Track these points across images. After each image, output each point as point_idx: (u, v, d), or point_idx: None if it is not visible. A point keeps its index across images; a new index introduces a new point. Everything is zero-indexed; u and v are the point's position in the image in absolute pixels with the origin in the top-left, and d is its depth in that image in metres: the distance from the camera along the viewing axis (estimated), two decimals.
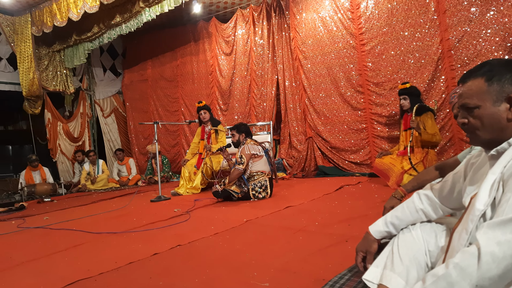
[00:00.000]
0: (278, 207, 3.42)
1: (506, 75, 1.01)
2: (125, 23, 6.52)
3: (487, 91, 1.02)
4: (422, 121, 4.17)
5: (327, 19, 5.88)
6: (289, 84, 6.47)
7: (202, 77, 7.73)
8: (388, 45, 5.27)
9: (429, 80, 4.89)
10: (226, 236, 2.57)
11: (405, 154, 4.24)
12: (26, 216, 4.34)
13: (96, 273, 1.97)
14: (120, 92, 9.04)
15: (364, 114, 5.60)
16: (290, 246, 2.18)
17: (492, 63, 1.05)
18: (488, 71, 1.03)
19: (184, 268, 1.95)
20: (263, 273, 1.76)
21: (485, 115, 1.02)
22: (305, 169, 6.08)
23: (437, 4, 4.80)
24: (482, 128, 1.04)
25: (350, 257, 1.89)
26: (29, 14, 6.79)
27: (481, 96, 1.03)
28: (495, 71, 1.02)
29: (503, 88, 1.00)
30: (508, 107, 1.00)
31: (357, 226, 2.51)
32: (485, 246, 0.86)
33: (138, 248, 2.43)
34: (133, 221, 3.40)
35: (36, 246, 2.80)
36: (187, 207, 3.88)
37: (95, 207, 4.69)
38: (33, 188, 6.12)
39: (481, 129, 1.04)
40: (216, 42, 7.45)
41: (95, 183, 7.10)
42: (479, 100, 1.03)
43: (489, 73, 1.03)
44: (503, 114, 1.00)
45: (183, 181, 5.19)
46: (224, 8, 7.28)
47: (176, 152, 8.11)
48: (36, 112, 7.57)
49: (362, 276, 1.29)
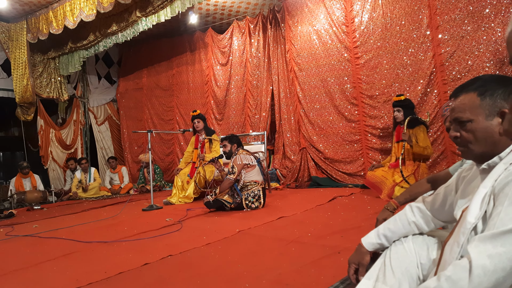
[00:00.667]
0: (271, 218, 3.41)
1: (498, 90, 1.02)
2: (121, 32, 6.54)
3: (480, 105, 1.03)
4: (414, 134, 4.21)
5: (322, 32, 5.96)
6: (284, 95, 6.51)
7: (198, 87, 7.76)
8: (382, 59, 5.34)
9: (422, 93, 4.96)
10: (218, 246, 2.55)
11: (396, 167, 4.27)
12: (15, 224, 4.27)
13: (85, 283, 1.94)
14: (114, 100, 9.02)
15: (358, 126, 5.64)
16: (282, 258, 2.17)
17: (485, 78, 1.07)
18: (481, 86, 1.05)
19: (176, 279, 1.93)
20: (255, 285, 1.74)
21: (477, 129, 1.04)
22: (299, 179, 6.08)
23: (430, 20, 4.90)
24: (474, 142, 1.05)
25: (343, 269, 1.88)
26: (25, 21, 6.79)
27: (474, 110, 1.04)
28: (487, 86, 1.04)
29: (495, 102, 1.02)
30: (500, 122, 1.01)
31: (350, 237, 2.50)
32: (476, 259, 0.86)
33: (129, 257, 2.40)
34: (124, 230, 3.36)
35: (24, 254, 2.75)
36: (179, 216, 3.85)
37: (86, 215, 4.63)
38: (23, 196, 6.04)
39: (473, 143, 1.06)
40: (212, 52, 7.50)
41: (87, 191, 7.02)
42: (472, 114, 1.04)
43: (481, 88, 1.05)
44: (495, 128, 1.02)
45: (176, 190, 5.16)
46: (220, 19, 7.35)
47: (170, 161, 8.08)
48: (29, 119, 7.51)
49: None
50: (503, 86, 1.03)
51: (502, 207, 0.91)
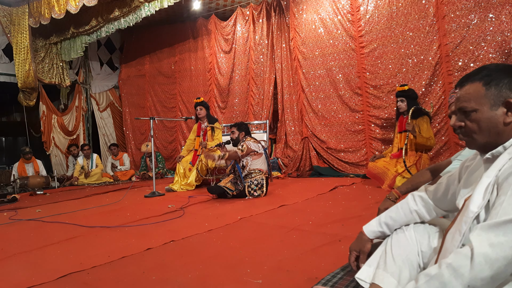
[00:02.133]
0: (273, 206, 3.43)
1: (504, 80, 1.01)
2: (124, 17, 6.48)
3: (485, 95, 1.03)
4: (417, 124, 4.19)
5: (327, 21, 5.89)
6: (287, 84, 6.48)
7: (200, 74, 7.72)
8: (387, 48, 5.29)
9: (427, 84, 4.92)
10: (220, 233, 2.57)
11: (399, 157, 4.26)
12: (18, 208, 4.30)
13: (89, 267, 1.96)
14: (116, 86, 8.99)
15: (362, 116, 5.62)
16: (283, 245, 2.18)
17: (490, 67, 1.06)
18: (486, 75, 1.04)
19: (178, 264, 1.95)
20: (256, 271, 1.76)
21: (482, 119, 1.03)
22: (300, 168, 6.09)
23: (436, 10, 4.83)
24: (479, 132, 1.05)
25: (343, 256, 1.90)
26: (27, 5, 6.72)
27: (478, 100, 1.04)
28: (493, 76, 1.03)
29: (500, 92, 1.01)
30: (505, 112, 1.01)
31: (351, 226, 2.52)
32: (478, 248, 0.87)
33: (132, 242, 2.43)
34: (126, 216, 3.39)
35: (28, 238, 2.78)
36: (181, 203, 3.87)
37: (88, 201, 4.67)
38: (26, 181, 6.08)
39: (478, 132, 1.05)
40: (215, 39, 7.44)
41: (89, 177, 7.06)
42: (476, 104, 1.04)
43: (487, 78, 1.04)
44: (500, 118, 1.01)
45: (178, 178, 5.18)
46: (224, 6, 7.27)
47: (173, 148, 8.09)
48: (31, 104, 7.50)
49: (354, 275, 1.30)
50: (509, 76, 1.02)
51: (505, 197, 0.91)
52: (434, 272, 0.93)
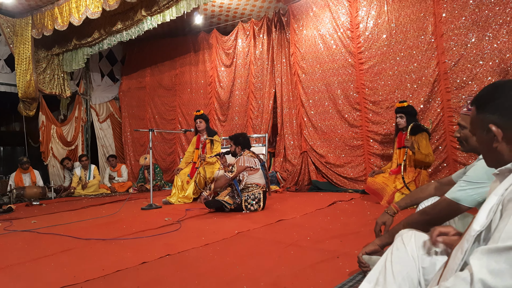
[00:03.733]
0: (270, 220, 3.40)
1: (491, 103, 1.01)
2: (126, 30, 6.54)
3: (476, 118, 1.05)
4: (416, 140, 4.20)
5: (327, 37, 5.96)
6: (286, 98, 6.51)
7: (201, 87, 7.76)
8: (386, 65, 5.34)
9: (425, 101, 4.95)
10: (216, 247, 2.54)
11: (398, 173, 4.25)
12: (14, 219, 4.26)
13: (82, 280, 1.93)
14: (116, 98, 9.02)
15: (360, 131, 5.63)
16: (281, 261, 2.15)
17: (496, 85, 1.04)
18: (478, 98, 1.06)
19: (173, 279, 1.92)
20: (253, 287, 1.73)
21: (478, 141, 1.07)
22: (299, 183, 6.07)
23: (435, 28, 4.90)
24: (482, 152, 1.10)
25: (342, 273, 1.87)
26: (30, 17, 6.80)
27: (472, 124, 1.08)
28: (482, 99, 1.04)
29: (485, 117, 1.02)
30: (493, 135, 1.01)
31: (349, 242, 2.49)
32: (477, 273, 0.83)
33: (127, 256, 2.39)
34: (122, 229, 3.35)
35: (22, 249, 2.74)
36: (178, 216, 3.84)
37: (84, 212, 4.62)
38: (22, 191, 6.03)
39: (481, 152, 1.11)
40: (216, 53, 7.51)
41: (86, 188, 7.01)
42: (471, 127, 1.09)
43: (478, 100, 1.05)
44: (490, 141, 1.02)
45: (175, 190, 5.15)
46: (225, 20, 7.36)
47: (171, 160, 8.07)
48: (31, 114, 7.51)
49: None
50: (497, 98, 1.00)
51: (509, 219, 0.87)
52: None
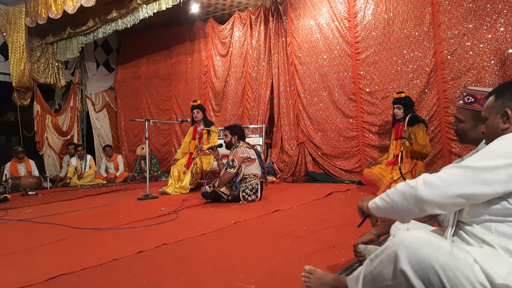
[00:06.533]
0: (267, 211, 3.41)
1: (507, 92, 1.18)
2: (122, 18, 6.45)
3: (493, 105, 1.19)
4: (413, 131, 4.20)
5: (324, 26, 5.92)
6: (283, 88, 6.49)
7: (196, 77, 7.70)
8: (382, 55, 5.32)
9: (421, 91, 4.95)
10: (213, 237, 2.55)
11: (395, 163, 4.27)
12: (9, 209, 4.24)
13: (79, 269, 1.93)
14: (112, 87, 8.94)
15: (355, 122, 5.63)
16: (277, 250, 2.16)
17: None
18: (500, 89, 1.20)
19: (170, 267, 1.93)
20: (249, 276, 1.74)
21: (488, 125, 1.21)
22: (295, 174, 6.08)
23: (433, 17, 4.87)
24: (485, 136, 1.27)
25: (338, 262, 1.89)
26: (24, 5, 6.67)
27: (488, 109, 1.21)
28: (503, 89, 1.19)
29: (503, 103, 1.16)
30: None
31: (345, 232, 2.51)
32: (424, 175, 1.09)
33: (123, 245, 2.39)
34: (119, 218, 3.35)
35: (18, 239, 2.73)
36: (174, 206, 3.84)
37: (80, 202, 4.61)
38: (18, 181, 6.00)
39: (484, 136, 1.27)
40: (212, 43, 7.44)
41: (82, 179, 6.99)
42: (487, 112, 1.22)
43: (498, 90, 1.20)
44: (500, 125, 1.17)
45: (172, 180, 5.14)
46: (222, 9, 7.28)
47: (166, 151, 8.05)
48: (25, 104, 7.43)
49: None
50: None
51: (467, 158, 1.08)
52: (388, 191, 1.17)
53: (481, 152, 1.05)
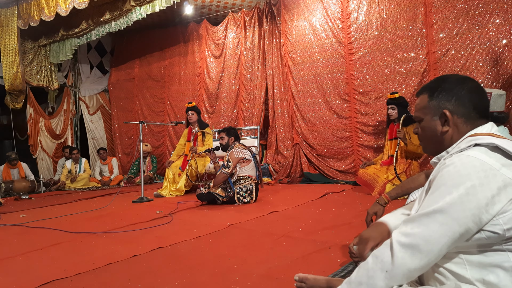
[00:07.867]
0: (263, 212, 3.41)
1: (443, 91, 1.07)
2: (115, 20, 6.43)
3: (428, 105, 1.09)
4: (408, 132, 4.22)
5: (317, 27, 5.93)
6: (278, 89, 6.49)
7: (190, 79, 7.68)
8: (376, 55, 5.34)
9: (414, 91, 4.97)
10: (208, 239, 2.54)
11: (389, 164, 4.29)
12: (2, 213, 4.19)
13: (73, 274, 1.91)
14: (106, 90, 8.89)
15: (349, 123, 5.64)
16: (273, 252, 2.16)
17: (443, 79, 1.10)
18: (432, 87, 1.10)
19: (165, 271, 1.91)
20: (245, 279, 1.73)
21: (425, 128, 1.11)
22: (291, 175, 6.08)
23: (425, 18, 4.90)
24: (423, 139, 1.15)
25: (333, 263, 1.89)
26: (16, 7, 6.63)
27: (423, 110, 1.11)
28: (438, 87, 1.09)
29: (439, 103, 1.07)
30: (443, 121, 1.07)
31: (341, 233, 2.51)
32: (395, 237, 0.95)
33: (118, 249, 2.38)
34: (113, 222, 3.33)
35: (11, 244, 2.70)
36: (169, 209, 3.82)
37: (74, 206, 4.58)
38: (11, 185, 5.95)
39: (423, 140, 1.16)
40: (206, 44, 7.43)
41: (76, 182, 6.93)
42: (422, 113, 1.12)
43: (432, 89, 1.10)
44: (438, 127, 1.08)
45: (167, 183, 5.12)
46: (216, 11, 7.27)
47: (160, 153, 8.01)
48: (18, 107, 7.37)
49: None
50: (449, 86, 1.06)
51: (428, 196, 0.97)
52: (362, 263, 1.01)
53: (437, 189, 0.94)
